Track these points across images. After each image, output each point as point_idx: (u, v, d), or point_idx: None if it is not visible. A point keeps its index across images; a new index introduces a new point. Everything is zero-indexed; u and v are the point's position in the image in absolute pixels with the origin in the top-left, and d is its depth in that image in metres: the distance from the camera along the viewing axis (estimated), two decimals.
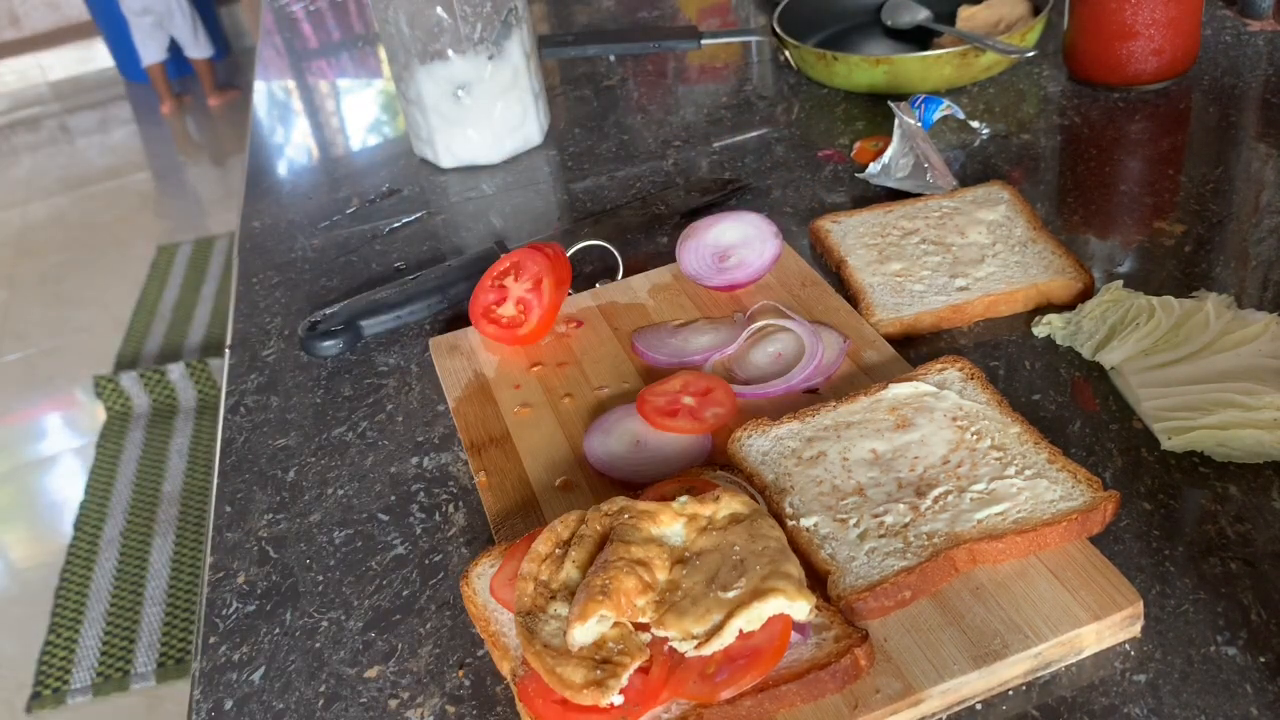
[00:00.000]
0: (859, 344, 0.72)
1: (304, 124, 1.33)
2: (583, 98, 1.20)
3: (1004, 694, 0.51)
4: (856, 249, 0.82)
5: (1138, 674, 0.51)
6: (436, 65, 1.02)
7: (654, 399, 0.69)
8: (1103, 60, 1.00)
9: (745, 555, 0.53)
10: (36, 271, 3.35)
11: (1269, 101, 0.97)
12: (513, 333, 0.77)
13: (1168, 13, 0.96)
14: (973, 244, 0.80)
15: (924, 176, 0.90)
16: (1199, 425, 0.62)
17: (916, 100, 0.99)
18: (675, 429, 0.67)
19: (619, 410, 0.69)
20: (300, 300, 0.92)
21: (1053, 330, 0.72)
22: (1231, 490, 0.60)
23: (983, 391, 0.64)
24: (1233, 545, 0.57)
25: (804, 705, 0.50)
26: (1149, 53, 0.98)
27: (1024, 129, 0.99)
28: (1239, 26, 1.10)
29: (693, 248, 0.82)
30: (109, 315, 3.04)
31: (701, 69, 1.25)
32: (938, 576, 0.54)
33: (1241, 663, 0.51)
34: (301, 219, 1.06)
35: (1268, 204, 0.84)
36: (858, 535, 0.57)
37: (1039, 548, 0.55)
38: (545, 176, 1.06)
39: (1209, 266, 0.78)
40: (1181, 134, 0.94)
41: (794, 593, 0.51)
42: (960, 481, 0.59)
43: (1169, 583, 0.55)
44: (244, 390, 0.82)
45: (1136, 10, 0.96)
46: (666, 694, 0.50)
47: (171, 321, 2.97)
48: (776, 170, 0.99)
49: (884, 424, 0.63)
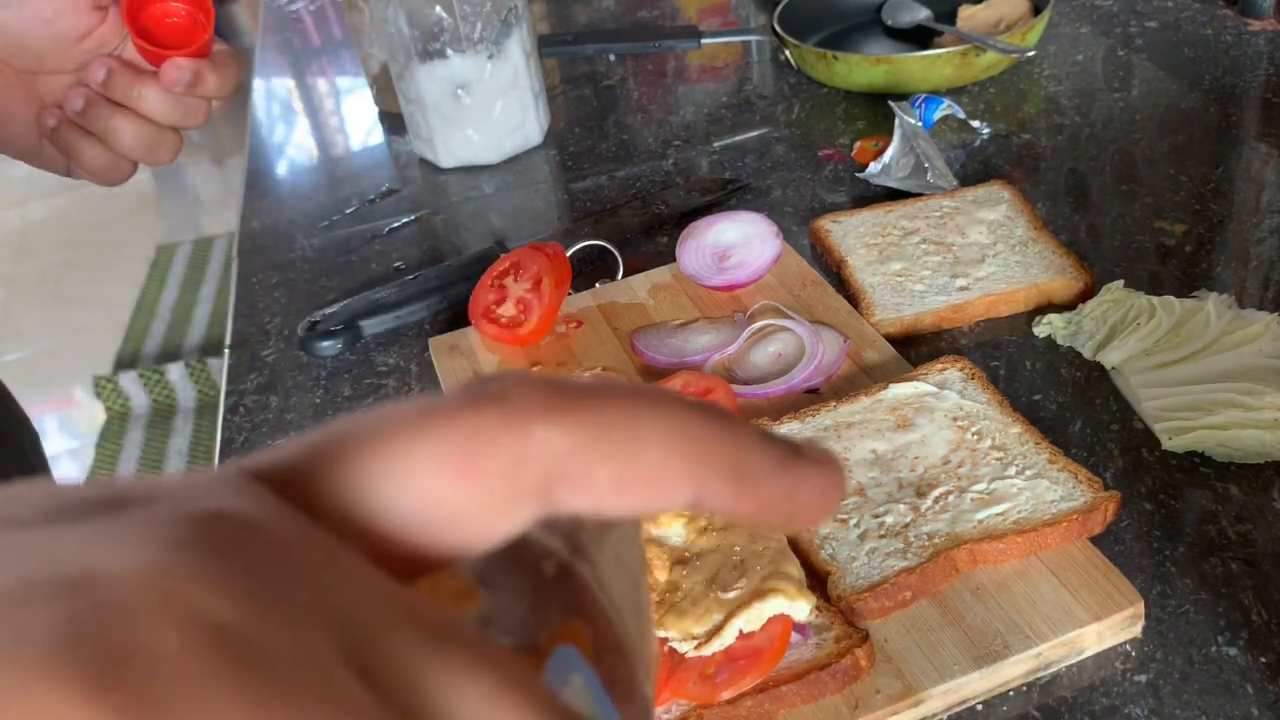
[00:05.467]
0: (859, 344, 0.72)
1: (303, 123, 1.33)
2: (583, 97, 1.20)
3: (1005, 694, 0.51)
4: (857, 249, 0.82)
5: (1139, 674, 0.51)
6: (436, 64, 1.01)
7: None
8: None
9: (745, 556, 0.53)
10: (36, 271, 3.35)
11: (1270, 101, 0.97)
12: (512, 333, 0.77)
13: None
14: (973, 244, 0.80)
15: (924, 176, 0.90)
16: (1200, 425, 0.61)
17: (917, 100, 0.99)
18: None
19: None
20: (300, 300, 0.92)
21: (1053, 330, 0.72)
22: (1232, 490, 0.60)
23: (983, 391, 0.64)
24: (1234, 545, 0.56)
25: (804, 706, 0.50)
26: None
27: (1024, 129, 0.99)
28: (1239, 26, 1.10)
29: (693, 247, 0.81)
30: (108, 315, 3.04)
31: (701, 69, 1.25)
32: (938, 577, 0.54)
33: (1242, 663, 0.51)
34: (301, 219, 1.06)
35: (1268, 204, 0.84)
36: (858, 535, 0.57)
37: (1040, 548, 0.55)
38: (545, 176, 1.06)
39: (1210, 266, 0.77)
40: (1182, 134, 0.94)
41: (794, 593, 0.51)
42: (961, 482, 0.59)
43: (1170, 583, 0.55)
44: (243, 390, 0.82)
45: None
46: (667, 694, 0.50)
47: (171, 321, 2.97)
48: (777, 170, 0.99)
49: (884, 424, 0.63)
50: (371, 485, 0.17)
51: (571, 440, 0.18)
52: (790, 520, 0.21)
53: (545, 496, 0.18)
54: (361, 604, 0.16)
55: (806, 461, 0.21)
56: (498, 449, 0.18)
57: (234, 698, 0.14)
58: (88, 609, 0.14)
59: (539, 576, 0.20)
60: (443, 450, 0.18)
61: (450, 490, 0.18)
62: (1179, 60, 1.06)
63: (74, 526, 0.15)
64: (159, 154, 0.65)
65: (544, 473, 0.18)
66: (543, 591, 0.20)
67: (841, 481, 0.22)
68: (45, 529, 0.15)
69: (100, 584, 0.14)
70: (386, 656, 0.16)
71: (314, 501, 0.17)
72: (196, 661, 0.14)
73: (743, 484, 0.20)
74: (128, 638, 0.14)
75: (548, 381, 0.19)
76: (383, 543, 0.17)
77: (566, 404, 0.18)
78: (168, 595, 0.14)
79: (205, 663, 0.14)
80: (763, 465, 0.20)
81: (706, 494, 0.19)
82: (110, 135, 0.63)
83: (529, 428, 0.18)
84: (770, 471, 0.20)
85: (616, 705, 0.19)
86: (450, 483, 0.18)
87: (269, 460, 0.18)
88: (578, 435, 0.18)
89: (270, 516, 0.16)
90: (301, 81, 1.45)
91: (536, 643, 0.19)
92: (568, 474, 0.18)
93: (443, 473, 0.18)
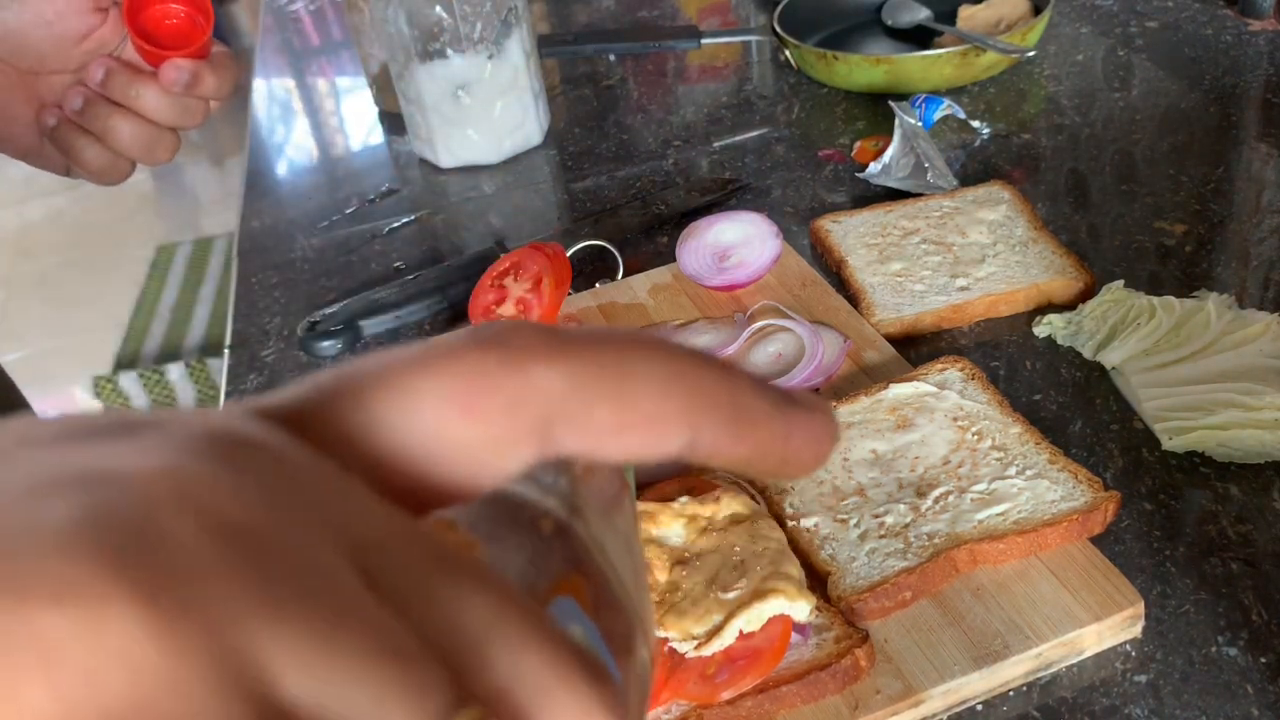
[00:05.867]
0: (859, 344, 0.72)
1: (303, 124, 1.33)
2: (583, 97, 1.20)
3: (1005, 694, 0.51)
4: (857, 249, 0.82)
5: (1139, 674, 0.51)
6: (436, 64, 1.01)
7: None
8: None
9: (745, 556, 0.53)
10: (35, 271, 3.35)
11: (1270, 101, 0.97)
12: None
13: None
14: (973, 244, 0.80)
15: (924, 176, 0.90)
16: (1200, 425, 0.61)
17: (917, 100, 0.99)
18: None
19: None
20: (300, 300, 0.92)
21: (1054, 330, 0.72)
22: (1233, 490, 0.59)
23: (983, 391, 0.64)
24: (1234, 545, 0.56)
25: (804, 706, 0.50)
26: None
27: (1025, 128, 0.99)
28: (1240, 26, 1.10)
29: (693, 247, 0.81)
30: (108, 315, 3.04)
31: (702, 68, 1.25)
32: (938, 577, 0.54)
33: (1243, 663, 0.51)
34: (301, 219, 1.06)
35: (1269, 204, 0.83)
36: (858, 536, 0.57)
37: (1040, 548, 0.55)
38: (545, 176, 1.06)
39: (1210, 266, 0.77)
40: (1182, 134, 0.94)
41: (794, 593, 0.51)
42: (961, 482, 0.59)
43: (1170, 583, 0.55)
44: (243, 391, 0.82)
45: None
46: (667, 695, 0.50)
47: (170, 322, 2.97)
48: (777, 170, 0.99)
49: (884, 424, 0.63)
50: (376, 422, 0.18)
51: (570, 382, 0.18)
52: (784, 465, 0.21)
53: (544, 437, 0.19)
54: (369, 523, 0.16)
55: (801, 407, 0.21)
56: (498, 388, 0.18)
57: (245, 585, 0.14)
58: (106, 498, 0.14)
59: (537, 533, 0.20)
60: (445, 389, 0.18)
61: (452, 428, 0.18)
62: (1179, 60, 1.06)
63: (89, 443, 0.16)
64: (157, 153, 0.65)
65: (543, 413, 0.18)
66: (541, 547, 0.20)
67: (835, 429, 0.22)
68: (60, 446, 0.16)
69: (118, 480, 0.15)
70: (393, 569, 0.16)
71: (321, 437, 0.18)
72: (210, 549, 0.14)
73: (738, 427, 0.20)
74: (145, 523, 0.14)
75: (546, 327, 0.19)
76: (386, 479, 0.18)
77: (565, 347, 0.19)
78: (183, 491, 0.15)
79: (218, 551, 0.14)
80: (758, 409, 0.20)
81: (703, 437, 0.20)
82: (109, 134, 0.64)
83: (528, 368, 0.18)
84: (765, 415, 0.20)
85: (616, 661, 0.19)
86: (452, 420, 0.18)
87: (277, 400, 0.18)
88: (576, 377, 0.19)
89: (281, 442, 0.17)
90: (301, 81, 1.45)
91: (536, 593, 0.19)
92: (566, 415, 0.19)
93: (445, 411, 0.18)
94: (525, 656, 0.16)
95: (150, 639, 0.13)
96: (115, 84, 0.63)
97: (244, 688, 0.14)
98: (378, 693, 0.14)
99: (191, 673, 0.13)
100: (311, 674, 0.14)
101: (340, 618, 0.15)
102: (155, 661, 0.13)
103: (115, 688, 0.13)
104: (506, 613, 0.16)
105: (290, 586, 0.14)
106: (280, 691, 0.14)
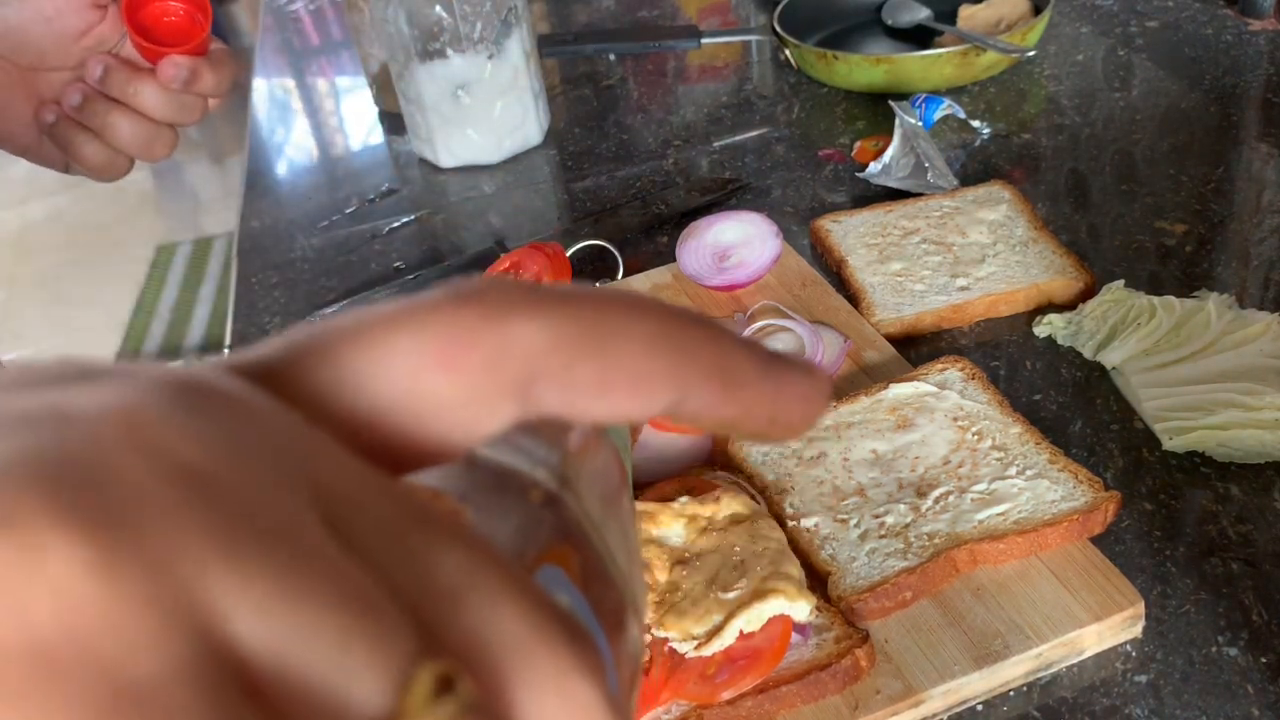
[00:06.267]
0: (859, 344, 0.72)
1: (303, 123, 1.33)
2: (583, 97, 1.20)
3: (1005, 695, 0.51)
4: (857, 249, 0.82)
5: (1139, 675, 0.51)
6: (436, 64, 1.01)
7: None
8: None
9: (745, 556, 0.53)
10: (35, 271, 3.35)
11: (1270, 101, 0.97)
12: None
13: None
14: (973, 243, 0.80)
15: (925, 176, 0.90)
16: (1200, 425, 0.61)
17: (917, 100, 0.99)
18: (676, 429, 0.67)
19: None
20: (299, 300, 0.92)
21: (1054, 330, 0.72)
22: (1233, 490, 0.59)
23: (984, 391, 0.64)
24: (1234, 546, 0.56)
25: (805, 706, 0.50)
26: None
27: (1025, 128, 0.99)
28: (1240, 26, 1.10)
29: (693, 247, 0.81)
30: (108, 315, 3.04)
31: (702, 68, 1.25)
32: (939, 577, 0.54)
33: (1243, 664, 0.51)
34: (300, 219, 1.06)
35: (1269, 204, 0.83)
36: (858, 536, 0.57)
37: (1040, 548, 0.55)
38: (545, 176, 1.06)
39: (1210, 266, 0.77)
40: (1183, 133, 0.94)
41: (794, 593, 0.51)
42: (961, 482, 0.59)
43: (1170, 583, 0.55)
44: None
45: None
46: (667, 695, 0.50)
47: (170, 321, 2.97)
48: (777, 170, 0.99)
49: (885, 424, 0.63)
50: (349, 377, 0.17)
51: (550, 336, 0.18)
52: (772, 425, 0.20)
53: (525, 394, 0.18)
54: (338, 475, 0.16)
55: (790, 366, 0.20)
56: (476, 343, 0.17)
57: (195, 524, 0.13)
58: (53, 435, 0.14)
59: (525, 503, 0.19)
60: (422, 343, 0.17)
61: (429, 383, 0.17)
62: (1179, 60, 1.05)
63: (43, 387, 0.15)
64: (155, 150, 0.66)
65: (523, 369, 0.18)
66: (528, 516, 0.19)
67: (825, 390, 0.21)
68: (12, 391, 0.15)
69: (67, 418, 0.14)
70: (362, 521, 0.15)
71: (292, 393, 0.17)
72: (160, 488, 0.14)
73: (726, 386, 0.19)
74: (91, 459, 0.13)
75: (527, 282, 0.18)
76: (361, 437, 0.17)
77: (546, 302, 0.18)
78: (135, 429, 0.14)
79: (169, 491, 0.14)
80: (746, 368, 0.20)
81: (690, 396, 0.19)
82: (107, 131, 0.64)
83: (508, 322, 0.18)
84: (753, 374, 0.20)
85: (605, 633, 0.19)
86: (429, 375, 0.17)
87: (247, 356, 0.17)
88: (557, 332, 0.18)
89: (248, 392, 0.16)
90: (301, 81, 1.45)
91: (523, 561, 0.18)
92: (547, 371, 0.18)
93: (422, 365, 0.17)
94: (502, 611, 0.15)
95: (89, 572, 0.13)
96: (114, 81, 0.63)
97: (188, 626, 0.13)
98: (337, 639, 0.14)
99: (131, 608, 0.13)
100: (265, 617, 0.13)
101: (299, 560, 0.14)
102: (93, 595, 0.13)
103: (48, 620, 0.12)
104: (484, 568, 0.16)
105: (245, 528, 0.14)
106: (230, 634, 0.13)
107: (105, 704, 0.12)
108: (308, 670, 0.13)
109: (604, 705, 0.16)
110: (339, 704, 0.14)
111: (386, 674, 0.14)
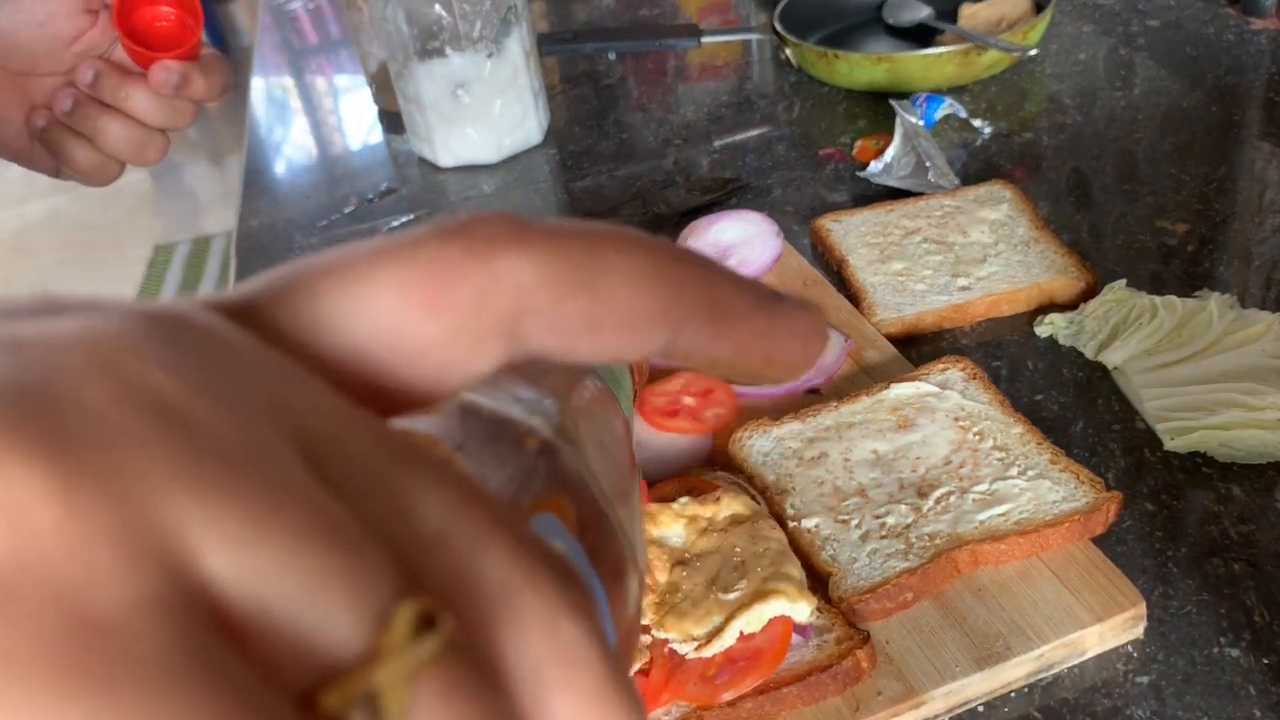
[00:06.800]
0: (860, 344, 0.72)
1: (302, 123, 1.32)
2: (583, 96, 1.20)
3: (1006, 696, 0.51)
4: (858, 248, 0.82)
5: (1140, 676, 0.51)
6: (435, 63, 1.01)
7: (654, 399, 0.68)
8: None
9: (746, 557, 0.53)
10: (34, 271, 3.35)
11: (1272, 100, 0.97)
12: None
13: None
14: (975, 243, 0.80)
15: (926, 175, 0.89)
16: (1202, 426, 0.61)
17: (918, 99, 0.99)
18: (675, 429, 0.67)
19: None
20: None
21: (1055, 330, 0.72)
22: (1235, 491, 0.59)
23: (985, 392, 0.64)
24: (1236, 546, 0.56)
25: (805, 707, 0.50)
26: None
27: (1026, 127, 0.99)
28: (1242, 26, 1.09)
29: (693, 247, 0.81)
30: None
31: (702, 67, 1.24)
32: (940, 578, 0.54)
33: (1245, 664, 0.51)
34: (299, 218, 1.05)
35: (1271, 203, 0.83)
36: (859, 536, 0.56)
37: (1041, 549, 0.55)
38: (545, 175, 1.06)
39: (1212, 266, 0.77)
40: (1184, 133, 0.94)
41: (795, 594, 0.50)
42: (962, 482, 0.58)
43: (1172, 584, 0.55)
44: None
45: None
46: (667, 696, 0.50)
47: None
48: (777, 169, 0.99)
49: (886, 424, 0.63)
50: (331, 315, 0.17)
51: (538, 273, 0.17)
52: (768, 364, 0.20)
53: (513, 333, 0.17)
54: (318, 411, 0.15)
55: (785, 303, 0.20)
56: (462, 279, 0.17)
57: (164, 453, 0.13)
58: (13, 362, 0.13)
59: (520, 450, 0.19)
60: (406, 280, 0.17)
61: (414, 321, 0.17)
62: (1181, 59, 1.05)
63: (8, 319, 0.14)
64: (146, 154, 0.66)
65: (511, 306, 0.17)
66: (524, 463, 0.19)
67: (822, 327, 0.20)
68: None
69: (30, 345, 0.13)
70: (344, 458, 0.15)
71: (274, 331, 0.16)
72: (129, 418, 0.13)
73: (720, 322, 0.19)
74: (56, 387, 0.13)
75: (515, 216, 0.18)
76: (345, 377, 0.17)
77: (534, 237, 0.17)
78: (103, 357, 0.13)
79: (139, 421, 0.13)
80: (740, 304, 0.19)
81: (682, 334, 0.18)
82: (98, 135, 0.64)
83: (494, 258, 0.17)
84: (748, 311, 0.19)
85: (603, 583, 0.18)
86: (414, 313, 0.17)
87: (226, 295, 0.17)
88: (545, 268, 0.17)
89: (226, 327, 0.15)
90: (300, 80, 1.44)
91: (517, 508, 0.18)
92: (536, 309, 0.17)
93: (406, 303, 0.17)
94: (488, 551, 0.15)
95: (49, 498, 0.12)
96: (105, 85, 0.63)
97: (154, 558, 0.12)
98: (313, 575, 0.13)
99: (93, 536, 0.12)
100: (239, 553, 0.13)
101: (273, 494, 0.13)
102: (53, 522, 0.12)
103: (3, 546, 0.12)
104: (471, 508, 0.15)
105: (219, 460, 0.13)
106: (200, 568, 0.13)
107: (62, 637, 0.12)
108: (283, 608, 0.13)
109: (595, 646, 0.15)
110: (316, 642, 0.13)
111: (365, 612, 0.13)
